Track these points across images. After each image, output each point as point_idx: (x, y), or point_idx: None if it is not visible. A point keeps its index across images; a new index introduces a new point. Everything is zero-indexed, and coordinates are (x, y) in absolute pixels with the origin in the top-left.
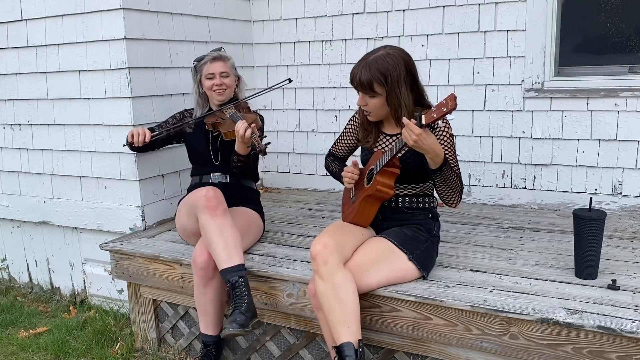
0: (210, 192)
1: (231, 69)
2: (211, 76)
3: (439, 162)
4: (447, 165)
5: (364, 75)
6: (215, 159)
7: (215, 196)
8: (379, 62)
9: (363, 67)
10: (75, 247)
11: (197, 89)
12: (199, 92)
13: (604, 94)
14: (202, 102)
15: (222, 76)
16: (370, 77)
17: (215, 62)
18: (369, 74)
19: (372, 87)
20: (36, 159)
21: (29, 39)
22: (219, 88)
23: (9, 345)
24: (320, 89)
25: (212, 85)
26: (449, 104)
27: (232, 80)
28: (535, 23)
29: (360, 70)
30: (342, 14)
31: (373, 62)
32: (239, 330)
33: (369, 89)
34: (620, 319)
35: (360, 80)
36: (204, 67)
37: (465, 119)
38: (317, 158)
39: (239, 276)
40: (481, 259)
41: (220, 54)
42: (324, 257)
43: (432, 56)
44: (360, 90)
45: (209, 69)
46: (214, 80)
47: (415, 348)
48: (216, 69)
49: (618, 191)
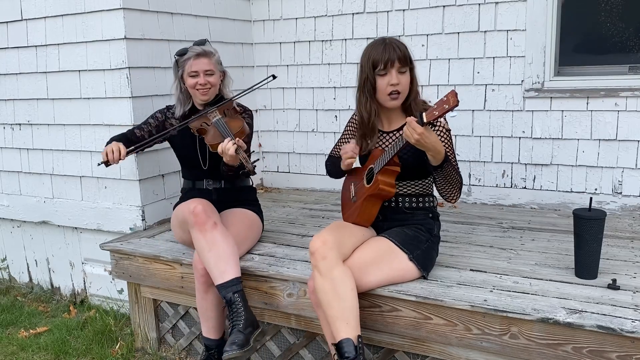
0: (198, 207)
1: (216, 65)
2: (194, 74)
3: (440, 159)
4: (448, 162)
5: (399, 49)
6: (203, 164)
7: (204, 210)
8: (393, 40)
9: (393, 44)
10: (76, 247)
11: (179, 85)
12: (180, 88)
13: (604, 93)
14: (183, 99)
15: (207, 74)
16: (404, 49)
17: (199, 59)
18: (403, 46)
19: (408, 59)
20: (36, 159)
21: (29, 38)
22: (202, 88)
23: (9, 345)
24: (320, 89)
25: (196, 84)
26: (451, 101)
27: (217, 78)
28: (535, 23)
29: (394, 46)
30: (342, 13)
31: (393, 40)
32: (238, 352)
33: (408, 62)
34: (620, 319)
35: (401, 53)
36: (187, 63)
37: (465, 119)
38: (317, 158)
39: (234, 292)
40: (481, 258)
41: (204, 50)
42: (323, 252)
43: (432, 56)
44: (398, 66)
45: (192, 66)
46: (198, 78)
47: (416, 348)
48: (200, 66)
49: (618, 191)
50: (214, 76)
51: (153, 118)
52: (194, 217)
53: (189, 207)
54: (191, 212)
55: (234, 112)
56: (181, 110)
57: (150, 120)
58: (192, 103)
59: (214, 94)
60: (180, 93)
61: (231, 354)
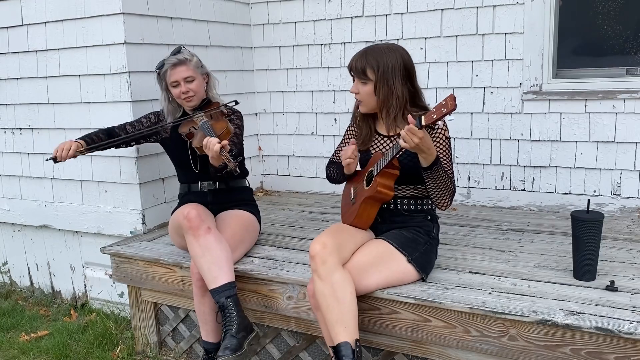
0: (192, 212)
1: (195, 69)
2: (175, 84)
3: (430, 160)
4: (438, 165)
5: (359, 61)
6: (195, 167)
7: (198, 215)
8: (376, 51)
9: (361, 55)
10: (76, 250)
11: (166, 96)
12: (168, 98)
13: (602, 96)
14: (173, 109)
15: (187, 81)
16: (364, 63)
17: (176, 68)
18: (364, 60)
19: (365, 72)
20: (37, 163)
21: (29, 43)
22: (186, 96)
23: (10, 348)
24: (319, 92)
25: (180, 93)
26: (449, 105)
27: (199, 83)
28: (533, 26)
29: (358, 57)
30: (341, 17)
31: (371, 50)
32: (231, 357)
33: (362, 74)
34: (618, 320)
35: (355, 65)
36: (167, 74)
37: (464, 122)
38: (317, 161)
39: (226, 296)
40: (480, 260)
41: (179, 58)
42: (323, 257)
43: (431, 59)
44: (355, 76)
45: (171, 77)
46: (180, 87)
47: (415, 350)
48: (179, 75)
49: (617, 193)
50: (195, 82)
51: (146, 118)
52: (188, 222)
53: (183, 213)
54: (185, 217)
55: (220, 114)
56: (172, 119)
57: (142, 120)
58: (182, 110)
59: (200, 100)
60: (169, 103)
61: (224, 358)
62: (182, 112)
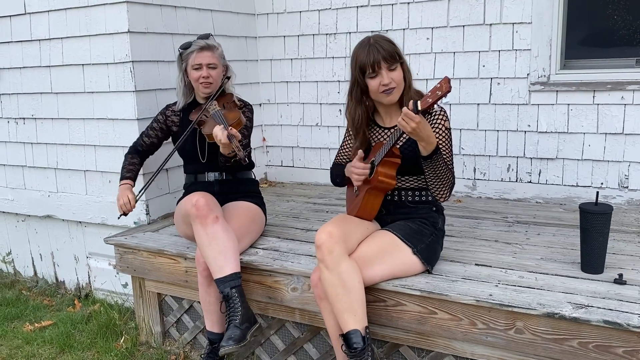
0: (200, 201)
1: (219, 59)
2: (198, 67)
3: (430, 150)
4: (438, 154)
5: (385, 47)
6: (202, 157)
7: (206, 203)
8: (382, 37)
9: (376, 44)
10: (80, 241)
11: (183, 78)
12: (184, 81)
13: (611, 87)
14: (186, 92)
15: (210, 67)
16: (390, 48)
17: (203, 52)
18: (387, 44)
19: (397, 53)
20: (40, 153)
21: (32, 32)
22: (205, 81)
23: (14, 338)
24: (324, 83)
25: (199, 77)
26: (443, 87)
27: (219, 72)
28: (541, 16)
29: (378, 47)
30: (346, 6)
31: (378, 38)
32: (234, 347)
33: (397, 58)
34: (626, 314)
35: (386, 52)
36: (191, 56)
37: (470, 113)
38: (321, 152)
39: (231, 287)
40: (486, 253)
41: (207, 43)
42: (329, 246)
43: (437, 49)
44: (386, 64)
45: (195, 59)
46: (201, 71)
47: (420, 342)
48: (204, 59)
49: (624, 185)
50: (217, 70)
51: (156, 122)
52: (196, 210)
53: (191, 201)
54: (193, 205)
55: (233, 105)
56: (183, 102)
57: (154, 125)
58: (193, 96)
59: (216, 88)
60: (184, 86)
61: (227, 349)
62: (192, 97)
